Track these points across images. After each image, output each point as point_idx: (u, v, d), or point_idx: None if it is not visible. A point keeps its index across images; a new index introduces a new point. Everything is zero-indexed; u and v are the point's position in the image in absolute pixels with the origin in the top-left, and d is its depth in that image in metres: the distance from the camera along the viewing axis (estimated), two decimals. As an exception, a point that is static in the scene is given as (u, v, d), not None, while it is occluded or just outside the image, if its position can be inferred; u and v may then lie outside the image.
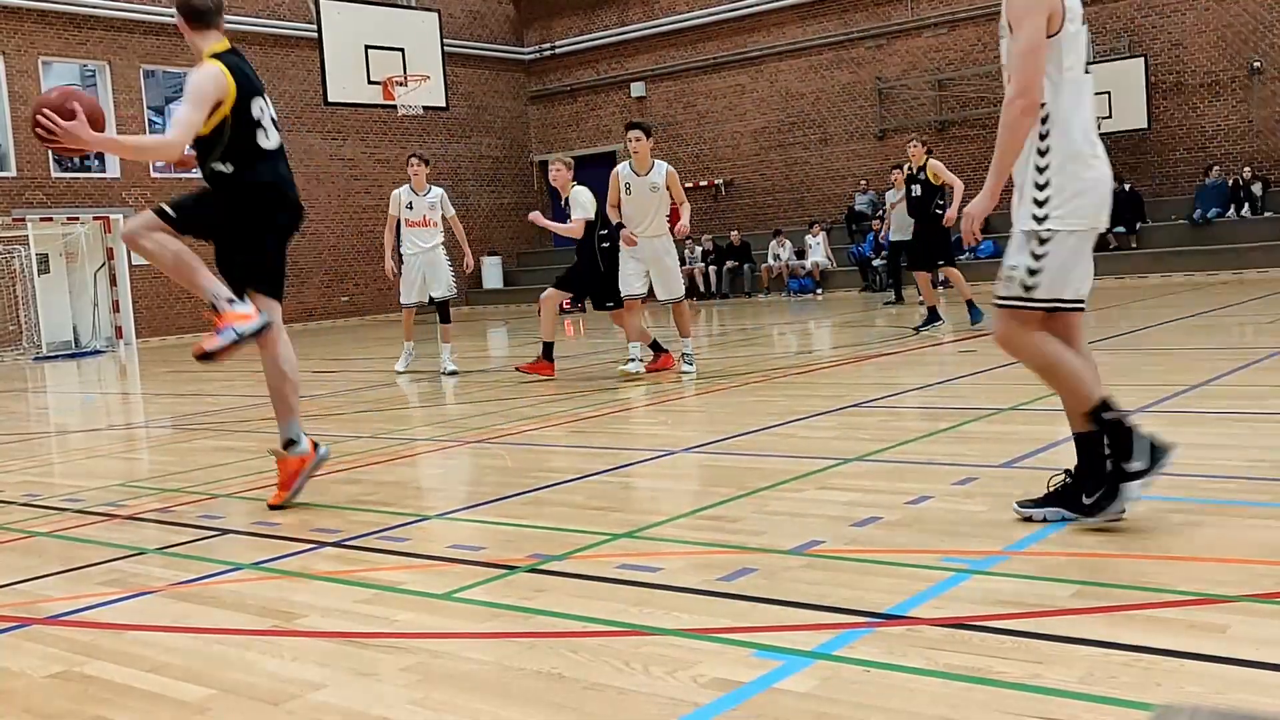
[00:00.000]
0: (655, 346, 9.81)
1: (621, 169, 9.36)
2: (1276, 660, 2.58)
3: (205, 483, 5.92)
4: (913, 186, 11.97)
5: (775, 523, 4.17)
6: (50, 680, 3.03)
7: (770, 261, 23.13)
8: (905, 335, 11.85)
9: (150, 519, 5.07)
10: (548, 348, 9.72)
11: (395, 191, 11.04)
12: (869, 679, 2.63)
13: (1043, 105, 3.66)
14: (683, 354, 9.43)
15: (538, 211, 9.73)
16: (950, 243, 12.01)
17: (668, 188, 9.26)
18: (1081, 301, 3.76)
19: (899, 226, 14.58)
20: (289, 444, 5.06)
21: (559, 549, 3.98)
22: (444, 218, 10.95)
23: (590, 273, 9.88)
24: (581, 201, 9.75)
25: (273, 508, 4.97)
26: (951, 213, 11.41)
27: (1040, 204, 3.66)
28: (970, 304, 11.73)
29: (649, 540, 4.05)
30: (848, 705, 2.49)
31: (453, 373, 10.81)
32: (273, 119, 5.05)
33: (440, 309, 11.17)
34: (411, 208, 10.85)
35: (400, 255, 11.06)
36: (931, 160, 11.80)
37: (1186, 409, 6.16)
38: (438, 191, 10.95)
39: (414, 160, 10.95)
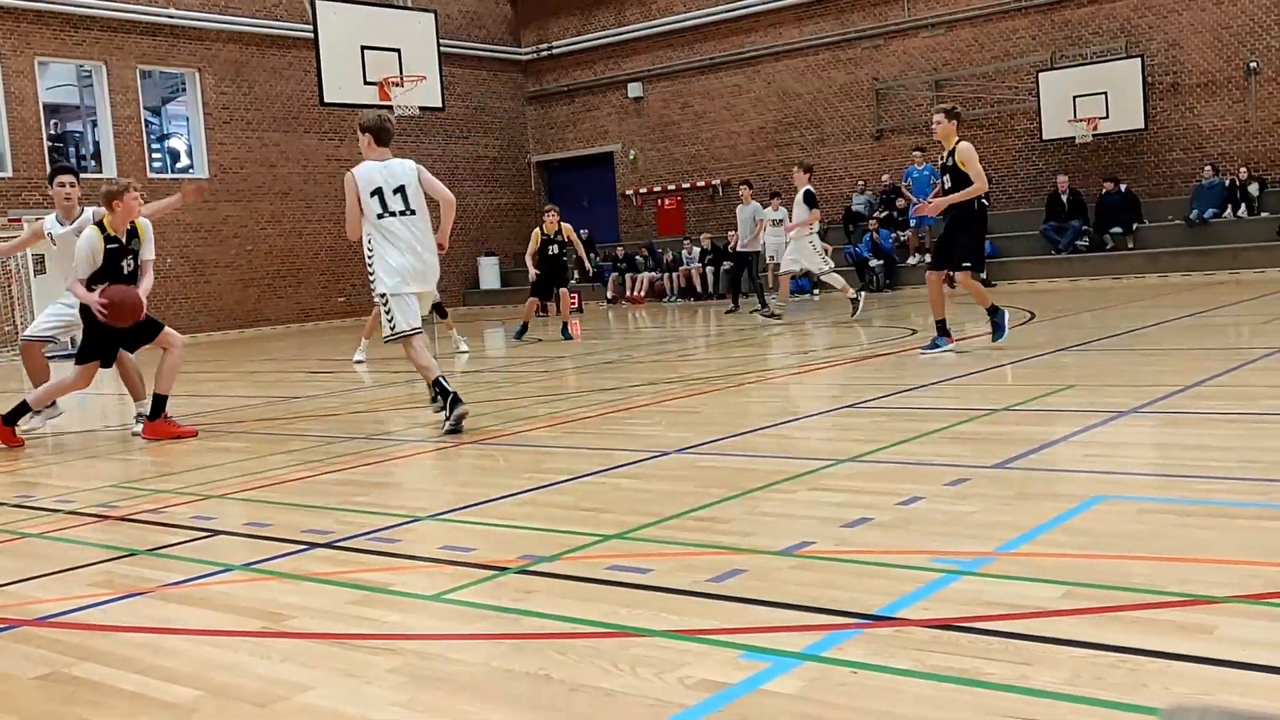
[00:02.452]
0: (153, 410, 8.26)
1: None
2: (1264, 661, 2.58)
3: (198, 484, 5.92)
4: (550, 247, 15.27)
5: (766, 524, 4.17)
6: (37, 682, 3.02)
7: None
8: (901, 336, 11.87)
9: (143, 520, 5.07)
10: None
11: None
12: (856, 680, 2.63)
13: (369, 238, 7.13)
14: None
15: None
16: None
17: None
18: (417, 330, 7.15)
19: (754, 238, 18.85)
20: None
21: (549, 550, 3.98)
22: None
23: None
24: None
25: None
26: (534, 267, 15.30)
27: (372, 280, 7.20)
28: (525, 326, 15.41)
29: (640, 541, 4.05)
30: (835, 706, 2.49)
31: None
32: None
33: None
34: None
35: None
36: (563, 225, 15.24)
37: (1180, 409, 6.16)
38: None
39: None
